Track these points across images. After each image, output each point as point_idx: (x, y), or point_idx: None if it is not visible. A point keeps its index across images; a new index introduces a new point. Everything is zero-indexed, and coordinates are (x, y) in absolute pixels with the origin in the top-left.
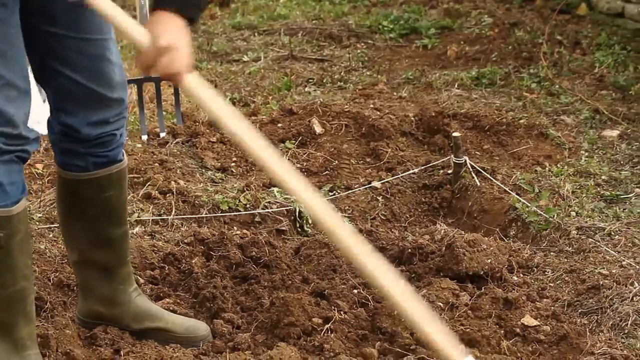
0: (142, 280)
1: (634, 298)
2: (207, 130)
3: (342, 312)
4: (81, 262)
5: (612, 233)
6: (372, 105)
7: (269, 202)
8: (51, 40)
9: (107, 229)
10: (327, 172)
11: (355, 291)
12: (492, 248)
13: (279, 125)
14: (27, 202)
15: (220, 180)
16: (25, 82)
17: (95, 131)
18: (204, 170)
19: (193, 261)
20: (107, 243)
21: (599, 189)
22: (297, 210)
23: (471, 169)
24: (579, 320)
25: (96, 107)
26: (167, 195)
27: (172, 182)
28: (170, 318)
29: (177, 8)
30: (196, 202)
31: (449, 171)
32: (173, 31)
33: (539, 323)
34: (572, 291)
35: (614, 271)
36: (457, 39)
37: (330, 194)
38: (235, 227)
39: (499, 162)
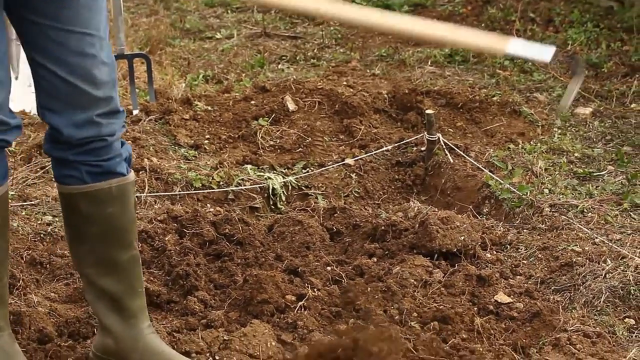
0: None
1: (607, 275)
2: (180, 108)
3: (315, 290)
4: (90, 291)
5: (585, 210)
6: (345, 83)
7: (242, 180)
8: (34, 30)
9: (112, 251)
10: (300, 149)
11: (329, 268)
12: (465, 225)
13: (252, 102)
14: (7, 188)
15: (193, 158)
16: (3, 69)
17: (80, 133)
18: (177, 147)
19: (166, 238)
20: (114, 268)
21: (571, 166)
22: (271, 188)
23: (444, 146)
24: (552, 297)
25: (79, 105)
26: (140, 172)
27: (145, 160)
28: None
29: None
30: (169, 179)
31: (422, 148)
32: None
33: (512, 300)
34: (545, 268)
35: (586, 248)
36: (430, 16)
37: (304, 171)
38: (208, 205)
39: (472, 139)
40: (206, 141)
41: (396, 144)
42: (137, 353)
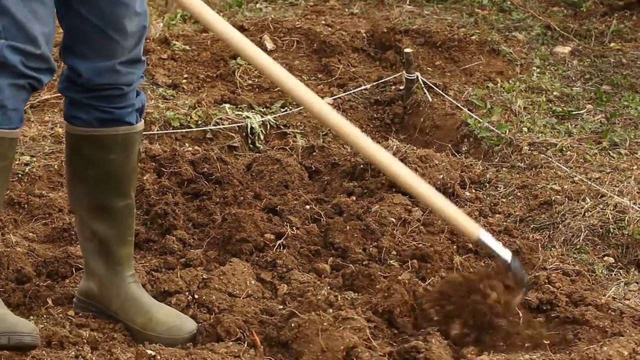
0: None
1: (586, 214)
2: (158, 47)
3: (294, 228)
4: (82, 232)
5: (564, 149)
6: (323, 22)
7: (221, 119)
8: None
9: (108, 197)
10: (278, 88)
11: (308, 207)
12: (444, 164)
13: None
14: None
15: (171, 97)
16: (47, 9)
17: (99, 79)
18: (155, 87)
19: (144, 178)
20: (107, 214)
21: (550, 105)
22: (249, 127)
23: (423, 85)
24: (531, 235)
25: (105, 53)
26: None
27: None
28: (157, 316)
29: None
30: (147, 118)
31: (401, 87)
32: None
33: None
34: (525, 207)
35: (565, 187)
36: None
37: (282, 110)
38: (186, 144)
39: (451, 78)
40: (184, 80)
41: (375, 83)
42: (118, 300)
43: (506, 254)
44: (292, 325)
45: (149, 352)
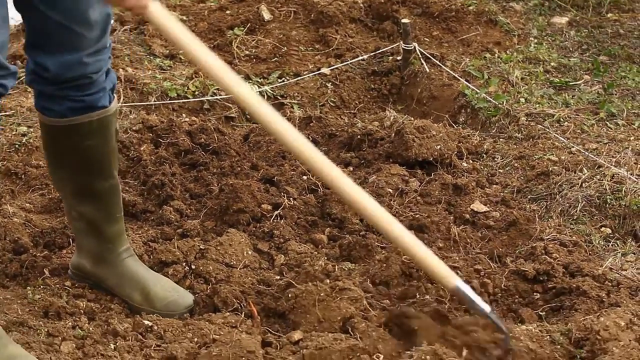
0: None
1: (583, 184)
2: None
3: (291, 199)
4: (70, 213)
5: (561, 119)
6: None
7: (218, 89)
8: None
9: (92, 181)
10: (276, 58)
11: (305, 177)
12: (441, 134)
13: (227, 12)
14: None
15: (168, 68)
16: (3, 8)
17: (68, 73)
18: (152, 57)
19: (142, 148)
20: (93, 197)
21: (548, 75)
22: None
23: (420, 56)
24: (528, 206)
25: (71, 46)
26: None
27: (120, 70)
28: (154, 289)
29: None
30: (144, 89)
31: (398, 58)
32: None
33: (488, 209)
34: (522, 177)
35: (563, 157)
36: None
37: (279, 80)
38: (183, 114)
39: (448, 48)
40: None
41: (372, 54)
42: (114, 277)
43: (485, 305)
44: (289, 295)
45: (146, 322)
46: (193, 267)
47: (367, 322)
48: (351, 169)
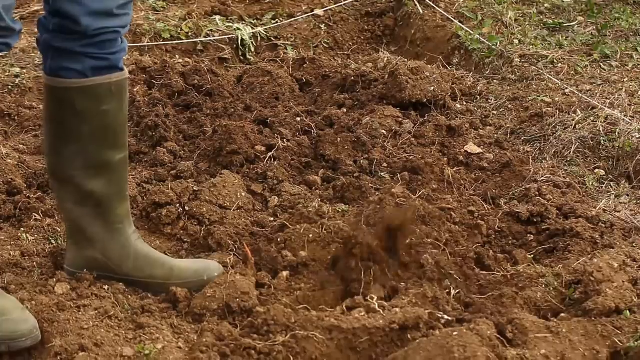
0: None
1: (577, 126)
2: None
3: (285, 140)
4: (71, 198)
5: (555, 61)
6: None
7: (211, 30)
8: None
9: (105, 151)
10: (269, 0)
11: (298, 119)
12: (435, 76)
13: None
14: None
15: (161, 9)
16: None
17: (97, 23)
18: None
19: (135, 90)
20: (105, 170)
21: (541, 17)
22: (240, 38)
23: None
24: (522, 147)
25: None
26: None
27: None
28: (177, 264)
29: None
30: (137, 30)
31: None
32: None
33: (482, 150)
34: (515, 119)
35: (556, 99)
36: None
37: (273, 21)
38: (177, 56)
39: None
40: None
41: None
42: (129, 260)
43: None
44: (284, 236)
45: None
46: (187, 208)
47: (360, 262)
48: (345, 110)
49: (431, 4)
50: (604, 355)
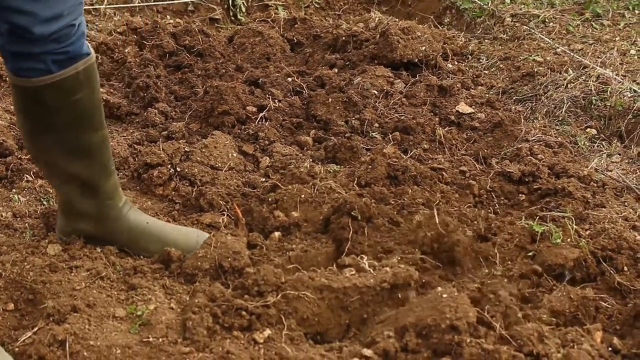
0: None
1: (568, 85)
2: None
3: (276, 101)
4: (56, 177)
5: (547, 20)
6: None
7: None
8: None
9: (83, 136)
10: None
11: (290, 79)
12: (426, 35)
13: None
14: None
15: None
16: None
17: (51, 28)
18: None
19: (126, 50)
20: (86, 152)
21: None
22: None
23: None
24: (513, 107)
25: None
26: None
27: None
28: (171, 238)
29: None
30: None
31: None
32: None
33: (473, 110)
34: (507, 78)
35: (548, 58)
36: None
37: None
38: (168, 16)
39: None
40: None
41: None
42: (123, 234)
43: None
44: (275, 197)
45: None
46: (178, 169)
47: (353, 221)
48: (336, 70)
49: None
50: None
